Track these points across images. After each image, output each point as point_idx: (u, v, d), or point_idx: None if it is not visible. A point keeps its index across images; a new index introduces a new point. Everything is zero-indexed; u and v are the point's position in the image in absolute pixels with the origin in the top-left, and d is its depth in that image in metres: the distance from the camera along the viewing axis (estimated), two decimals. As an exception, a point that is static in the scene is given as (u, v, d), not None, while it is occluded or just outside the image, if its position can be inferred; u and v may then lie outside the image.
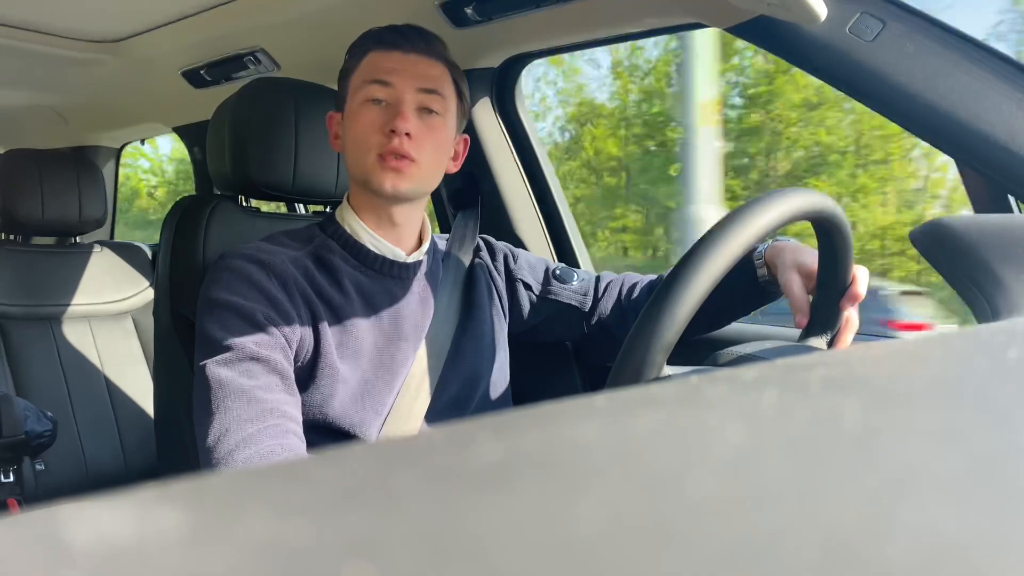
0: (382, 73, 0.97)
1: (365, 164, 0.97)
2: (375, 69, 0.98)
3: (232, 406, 0.85)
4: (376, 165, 0.96)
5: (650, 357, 0.64)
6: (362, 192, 1.02)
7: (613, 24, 1.24)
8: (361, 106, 0.98)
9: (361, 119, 0.97)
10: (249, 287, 0.92)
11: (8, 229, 1.89)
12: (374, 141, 0.96)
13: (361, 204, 1.03)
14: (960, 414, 0.26)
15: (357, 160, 0.98)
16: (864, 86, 0.95)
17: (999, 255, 0.64)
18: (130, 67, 1.73)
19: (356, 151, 0.98)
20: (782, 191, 0.71)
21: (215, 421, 0.85)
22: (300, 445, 0.88)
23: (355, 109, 0.99)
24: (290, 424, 0.87)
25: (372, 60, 1.00)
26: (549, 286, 1.19)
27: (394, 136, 0.95)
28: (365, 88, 0.98)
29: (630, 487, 0.18)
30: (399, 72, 0.98)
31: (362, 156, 0.97)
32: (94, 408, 1.87)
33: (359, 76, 1.00)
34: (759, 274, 1.02)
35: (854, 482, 0.19)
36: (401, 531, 0.16)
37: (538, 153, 1.52)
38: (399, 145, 0.95)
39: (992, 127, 0.87)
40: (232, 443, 0.83)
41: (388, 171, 0.96)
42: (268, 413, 0.86)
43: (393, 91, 0.97)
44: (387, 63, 0.98)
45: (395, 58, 0.99)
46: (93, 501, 0.17)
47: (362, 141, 0.97)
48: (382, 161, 0.96)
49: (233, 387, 0.86)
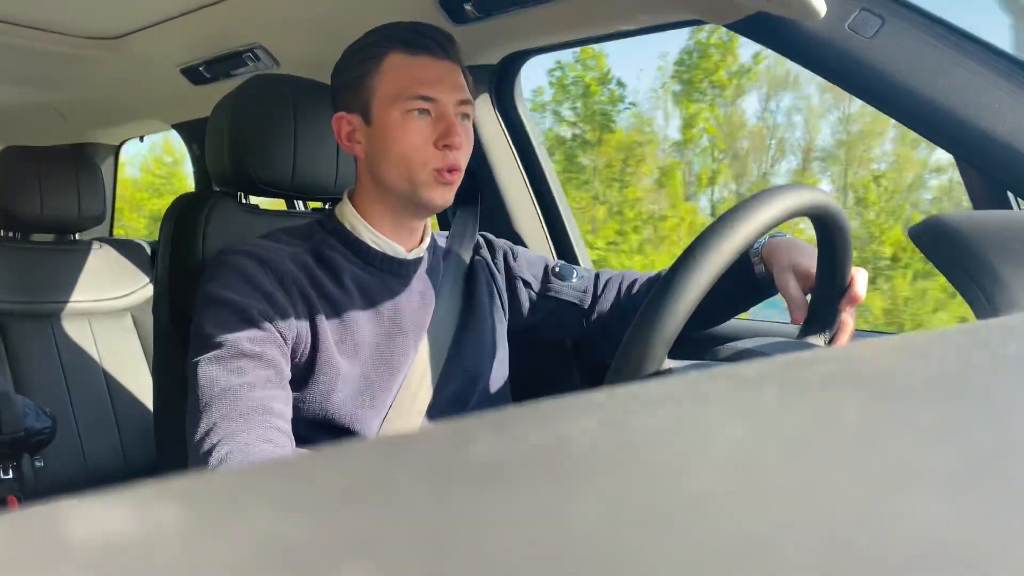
0: (424, 86, 0.95)
1: (417, 178, 0.96)
2: (415, 80, 0.95)
3: (217, 404, 0.85)
4: (432, 181, 0.96)
5: (650, 352, 0.64)
6: (386, 198, 1.00)
7: (612, 20, 1.24)
8: (405, 117, 0.95)
9: (409, 132, 0.95)
10: (245, 283, 0.92)
11: (7, 226, 1.89)
12: (429, 155, 0.95)
13: (375, 207, 1.02)
14: (959, 410, 0.26)
15: (404, 173, 0.96)
16: (863, 83, 0.95)
17: (998, 251, 0.64)
18: (129, 64, 1.73)
19: (404, 163, 0.96)
20: (782, 188, 0.71)
21: (202, 418, 0.85)
22: (284, 438, 0.87)
23: (396, 120, 0.95)
24: (276, 420, 0.87)
25: (404, 66, 0.96)
26: (549, 283, 1.19)
27: (449, 151, 0.95)
28: (407, 101, 0.95)
29: (630, 483, 0.18)
30: (439, 84, 0.96)
31: (413, 170, 0.96)
32: (93, 405, 1.88)
33: (390, 83, 0.96)
34: (756, 271, 1.02)
35: (853, 478, 0.19)
36: (401, 528, 0.16)
37: (537, 150, 1.52)
38: (455, 160, 0.96)
39: (991, 123, 0.87)
40: (214, 440, 0.84)
41: (442, 187, 0.96)
42: (253, 409, 0.85)
43: (437, 105, 0.96)
44: (425, 73, 0.96)
45: (431, 67, 0.96)
46: (92, 497, 0.17)
47: (412, 154, 0.95)
48: (439, 176, 0.96)
49: (221, 385, 0.86)
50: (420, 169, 0.95)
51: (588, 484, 0.18)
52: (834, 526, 0.16)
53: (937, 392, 0.28)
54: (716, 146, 14.04)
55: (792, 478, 0.19)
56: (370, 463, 0.20)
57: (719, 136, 13.87)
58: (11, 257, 1.86)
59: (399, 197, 0.99)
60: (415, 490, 0.18)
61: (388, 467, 0.19)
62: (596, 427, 0.23)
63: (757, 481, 0.19)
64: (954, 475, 0.19)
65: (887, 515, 0.17)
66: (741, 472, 0.19)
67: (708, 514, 0.17)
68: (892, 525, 0.16)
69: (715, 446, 0.21)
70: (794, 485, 0.18)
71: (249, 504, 0.17)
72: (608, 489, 0.18)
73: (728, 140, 14.11)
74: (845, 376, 0.30)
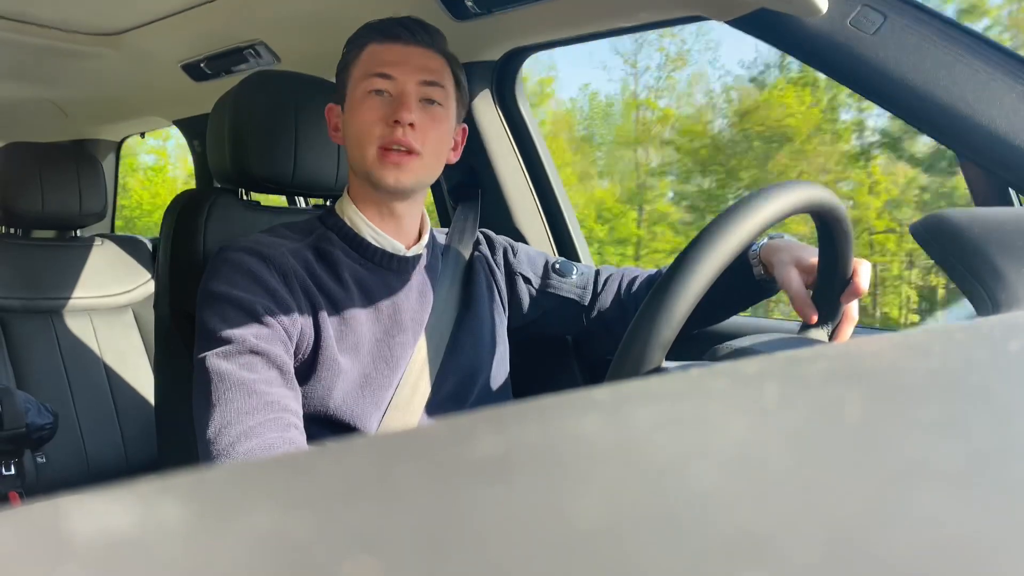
0: (384, 65, 0.97)
1: (367, 157, 0.97)
2: (377, 61, 0.98)
3: (233, 398, 0.85)
4: (377, 160, 0.96)
5: (650, 350, 0.64)
6: (363, 185, 1.01)
7: (614, 17, 1.24)
8: (364, 97, 0.97)
9: (363, 110, 0.97)
10: (249, 280, 0.92)
11: (8, 222, 1.89)
12: (376, 132, 0.96)
13: (362, 197, 1.03)
14: (961, 407, 0.26)
15: (359, 152, 0.98)
16: (865, 79, 0.94)
17: (999, 248, 0.64)
18: (130, 60, 1.73)
19: (358, 143, 0.98)
20: (782, 185, 0.71)
21: (216, 414, 0.85)
22: (301, 438, 0.88)
23: (357, 100, 0.98)
24: (291, 417, 0.87)
25: (373, 52, 0.99)
26: (548, 280, 1.19)
27: (397, 127, 0.95)
28: (367, 80, 0.97)
29: (630, 480, 0.18)
30: (401, 64, 0.97)
31: (364, 148, 0.97)
32: (95, 401, 1.88)
33: (360, 68, 0.99)
34: (755, 272, 1.02)
35: (855, 475, 0.19)
36: (401, 524, 0.16)
37: (539, 147, 1.52)
38: (402, 136, 0.95)
39: (993, 120, 0.87)
40: (233, 436, 0.83)
41: (390, 166, 0.96)
42: (269, 406, 0.86)
43: (395, 83, 0.97)
44: (388, 55, 0.98)
45: (396, 50, 0.98)
46: (94, 494, 0.17)
47: (364, 132, 0.97)
48: (384, 155, 0.96)
49: (233, 380, 0.86)
50: (368, 146, 0.97)
51: (588, 480, 0.18)
52: (835, 522, 0.16)
53: (939, 388, 0.28)
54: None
55: (793, 474, 0.19)
56: (372, 459, 0.20)
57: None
58: (12, 253, 1.86)
59: (363, 180, 1.00)
60: (416, 486, 0.18)
61: (390, 463, 0.19)
62: (596, 423, 0.23)
63: (758, 477, 0.19)
64: (956, 471, 0.19)
65: (889, 511, 0.17)
66: (742, 468, 0.19)
67: (709, 510, 0.17)
68: (894, 521, 0.16)
69: (716, 442, 0.21)
70: (795, 481, 0.18)
71: (251, 500, 0.17)
72: (609, 485, 0.18)
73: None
74: (847, 373, 0.30)
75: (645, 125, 15.17)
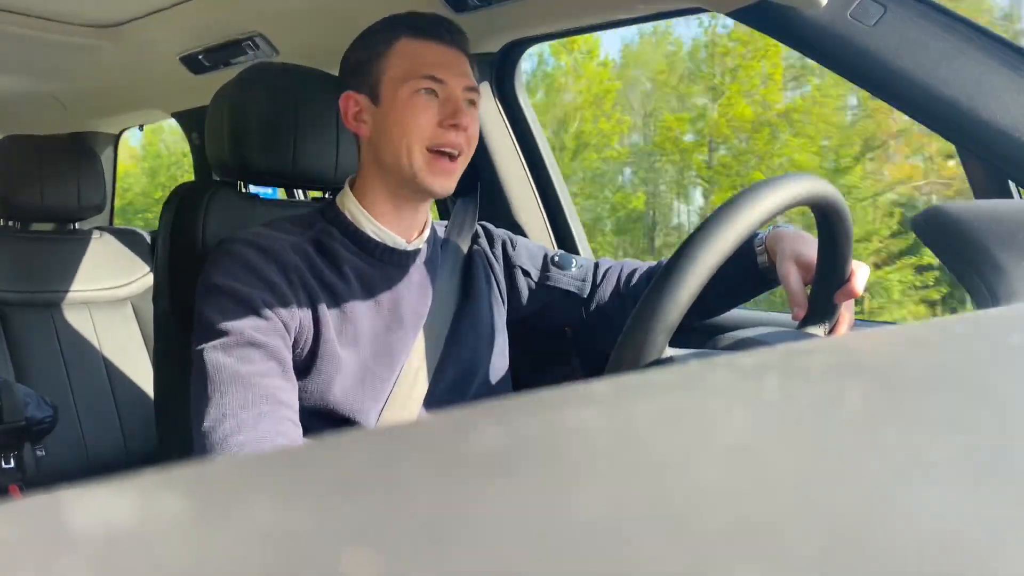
0: (435, 68, 0.96)
1: (414, 157, 0.96)
2: (424, 62, 0.96)
3: (229, 391, 0.85)
4: (426, 164, 0.96)
5: (652, 338, 0.64)
6: (388, 180, 1.00)
7: (614, 8, 1.23)
8: (412, 96, 0.96)
9: (413, 110, 0.95)
10: (248, 272, 0.92)
11: (7, 215, 1.89)
12: (427, 133, 0.95)
13: (376, 190, 1.02)
14: (961, 400, 0.26)
15: (403, 150, 0.96)
16: (864, 71, 0.94)
17: (999, 241, 0.63)
18: (128, 52, 1.72)
19: (403, 141, 0.96)
20: (784, 177, 0.71)
21: (212, 406, 0.85)
22: (296, 432, 0.88)
23: (404, 99, 0.96)
24: (287, 411, 0.87)
25: (414, 49, 0.97)
26: (547, 272, 1.19)
27: (451, 130, 0.95)
28: (415, 80, 0.96)
29: (631, 472, 0.18)
30: (449, 68, 0.97)
31: (411, 147, 0.96)
32: (94, 394, 1.88)
33: (400, 64, 0.97)
34: (759, 261, 1.02)
35: (855, 468, 0.19)
36: (401, 517, 0.16)
37: (538, 139, 1.52)
38: (458, 140, 0.96)
39: (993, 113, 0.87)
40: (228, 428, 0.83)
41: (440, 172, 0.96)
42: (265, 399, 0.86)
43: (445, 87, 0.96)
44: (435, 56, 0.97)
45: (441, 51, 0.98)
46: (94, 486, 0.17)
47: (413, 132, 0.95)
48: (436, 160, 0.96)
49: (230, 372, 0.86)
50: (417, 146, 0.96)
51: (588, 473, 0.18)
52: (835, 515, 0.16)
53: (938, 382, 0.28)
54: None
55: (793, 467, 0.19)
56: (372, 452, 0.20)
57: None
58: (11, 246, 1.86)
59: (399, 180, 0.99)
60: (416, 479, 0.18)
61: (389, 456, 0.19)
62: (596, 416, 0.23)
63: (758, 470, 0.19)
64: (955, 465, 0.19)
65: (888, 505, 0.17)
66: (742, 461, 0.19)
67: (709, 503, 0.17)
68: (892, 514, 0.16)
69: (716, 435, 0.21)
70: (795, 474, 0.18)
71: (250, 493, 0.17)
72: (609, 478, 0.18)
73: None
74: (846, 366, 0.30)
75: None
